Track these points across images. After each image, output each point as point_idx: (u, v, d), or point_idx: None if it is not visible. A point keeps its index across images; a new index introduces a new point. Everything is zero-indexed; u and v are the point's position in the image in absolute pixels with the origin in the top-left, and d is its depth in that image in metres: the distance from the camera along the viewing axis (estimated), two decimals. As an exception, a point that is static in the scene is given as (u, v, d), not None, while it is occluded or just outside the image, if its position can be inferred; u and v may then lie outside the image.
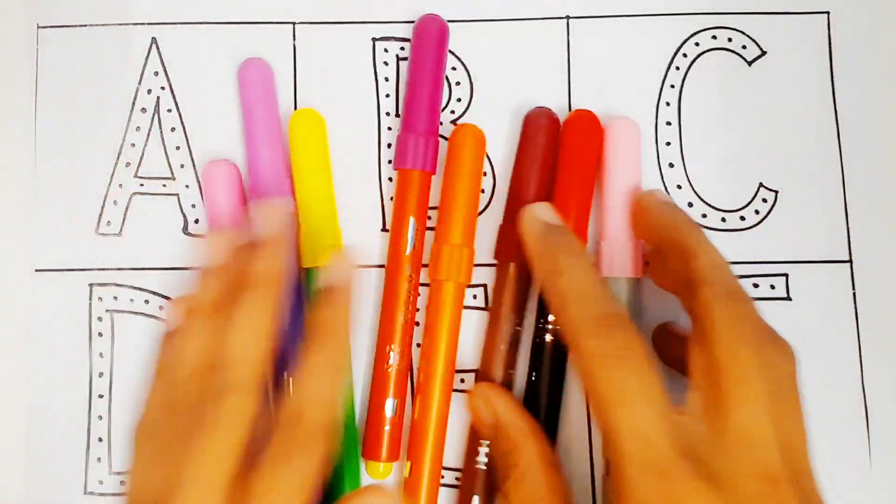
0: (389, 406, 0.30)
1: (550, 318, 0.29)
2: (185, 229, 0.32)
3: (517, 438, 0.27)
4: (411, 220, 0.30)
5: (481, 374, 0.30)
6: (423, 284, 0.31)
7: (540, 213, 0.28)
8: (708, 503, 0.21)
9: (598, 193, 0.31)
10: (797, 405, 0.24)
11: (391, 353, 0.30)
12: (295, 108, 0.32)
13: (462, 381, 0.31)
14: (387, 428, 0.30)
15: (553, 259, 0.26)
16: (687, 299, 0.25)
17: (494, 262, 0.31)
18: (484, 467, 0.29)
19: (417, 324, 0.31)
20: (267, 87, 0.31)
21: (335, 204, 0.31)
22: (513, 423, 0.28)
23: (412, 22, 0.32)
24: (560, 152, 0.30)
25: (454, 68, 0.32)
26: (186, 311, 0.26)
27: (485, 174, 0.32)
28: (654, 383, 0.23)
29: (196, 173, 0.32)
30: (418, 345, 0.31)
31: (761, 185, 0.32)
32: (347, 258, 0.28)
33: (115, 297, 0.31)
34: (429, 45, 0.31)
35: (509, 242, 0.30)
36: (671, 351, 0.29)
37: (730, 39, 0.33)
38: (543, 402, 0.29)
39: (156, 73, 0.32)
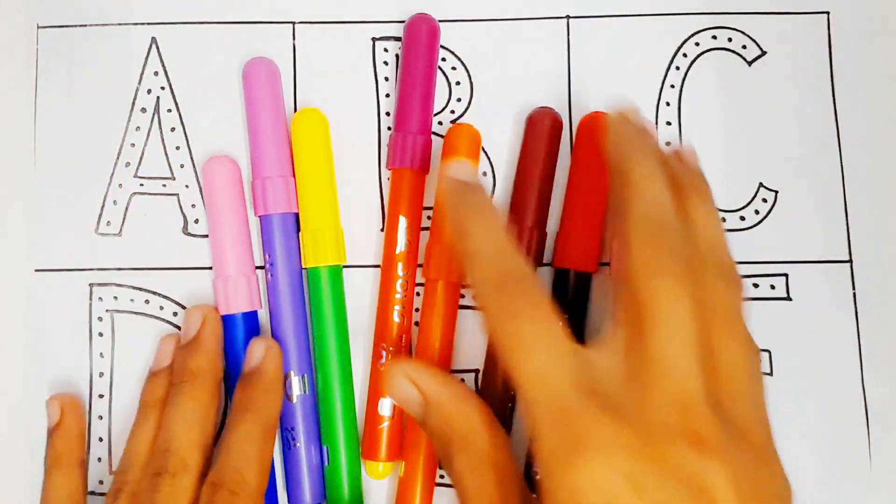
0: (385, 405, 0.30)
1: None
2: (185, 229, 0.32)
3: (451, 406, 0.26)
4: (402, 219, 0.30)
5: (485, 375, 0.30)
6: (420, 284, 0.31)
7: (456, 171, 0.27)
8: (612, 434, 0.20)
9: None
10: (736, 331, 0.23)
11: (384, 353, 0.30)
12: (295, 107, 0.32)
13: (462, 380, 0.31)
14: (383, 426, 0.30)
15: (461, 220, 0.25)
16: (612, 230, 0.25)
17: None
18: None
19: (417, 324, 0.31)
20: (273, 86, 0.31)
21: (338, 204, 0.31)
22: (443, 392, 0.26)
23: (412, 22, 0.32)
24: (574, 153, 0.31)
25: (454, 68, 0.32)
26: (139, 407, 0.30)
27: (484, 174, 0.32)
28: (551, 329, 0.22)
29: (196, 173, 0.32)
30: (418, 345, 0.31)
31: (761, 185, 0.32)
32: (271, 343, 0.29)
33: (116, 297, 0.31)
34: (419, 44, 0.31)
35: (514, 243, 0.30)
36: None
37: (730, 39, 0.33)
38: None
39: (156, 73, 0.32)
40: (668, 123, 0.32)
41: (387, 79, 0.32)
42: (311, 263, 0.30)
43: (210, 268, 0.31)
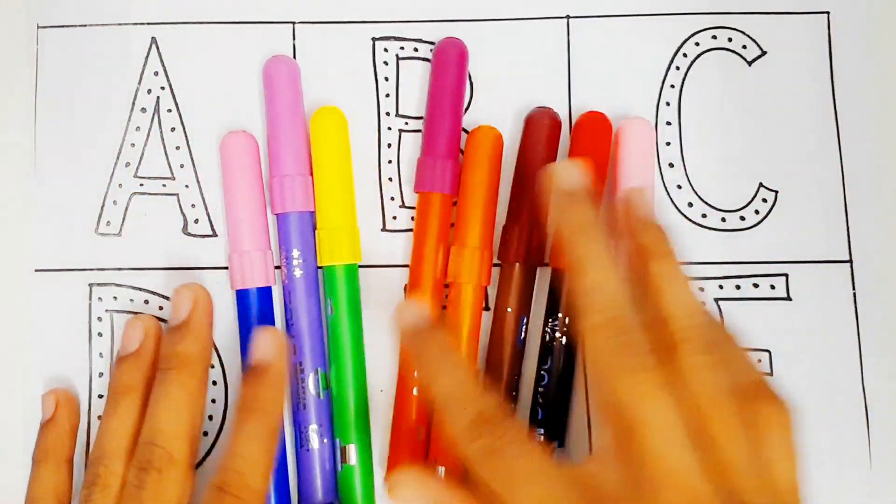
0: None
1: (560, 316, 0.29)
2: (184, 229, 0.32)
3: None
4: (433, 243, 0.30)
5: (486, 376, 0.30)
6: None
7: (409, 313, 0.26)
8: None
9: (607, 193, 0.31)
10: (729, 412, 0.22)
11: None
12: (295, 108, 0.32)
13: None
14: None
15: (425, 364, 0.25)
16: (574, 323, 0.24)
17: (497, 262, 0.31)
18: None
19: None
20: (293, 84, 0.31)
21: (354, 203, 0.31)
22: (451, 500, 0.25)
23: (412, 21, 0.32)
24: (571, 153, 0.31)
25: (454, 68, 0.32)
26: (108, 395, 0.28)
27: (485, 174, 0.32)
28: (540, 461, 0.22)
29: (196, 173, 0.32)
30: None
31: (761, 185, 0.32)
32: (278, 336, 0.28)
33: (115, 297, 0.31)
34: (448, 68, 0.31)
35: (514, 243, 0.30)
36: None
37: (730, 39, 0.33)
38: (552, 402, 0.29)
39: (156, 73, 0.32)
40: (668, 123, 0.32)
41: (387, 79, 0.32)
42: (326, 262, 0.30)
43: (210, 268, 0.31)
